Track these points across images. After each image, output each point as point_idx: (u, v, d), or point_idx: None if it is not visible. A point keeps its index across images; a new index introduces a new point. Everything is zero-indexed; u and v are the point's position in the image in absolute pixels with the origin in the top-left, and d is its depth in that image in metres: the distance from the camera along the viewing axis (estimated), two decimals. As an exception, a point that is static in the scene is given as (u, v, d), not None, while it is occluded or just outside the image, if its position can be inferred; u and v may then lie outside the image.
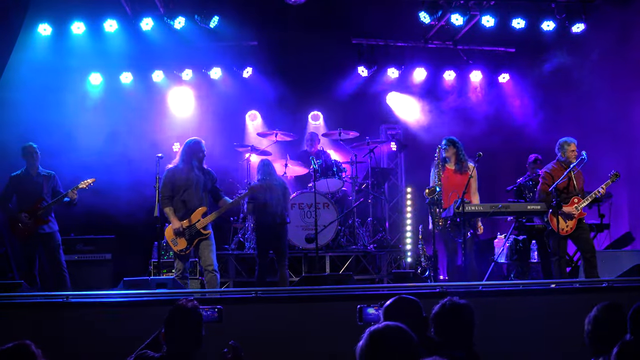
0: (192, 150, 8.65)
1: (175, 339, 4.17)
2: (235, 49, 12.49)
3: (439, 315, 4.23)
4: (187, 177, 8.54)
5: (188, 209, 8.54)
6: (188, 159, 8.61)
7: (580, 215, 8.99)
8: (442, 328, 4.21)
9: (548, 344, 6.61)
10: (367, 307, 4.39)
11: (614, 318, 4.19)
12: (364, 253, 11.31)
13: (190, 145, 8.70)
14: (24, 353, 3.36)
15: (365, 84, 13.15)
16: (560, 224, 8.94)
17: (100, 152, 11.03)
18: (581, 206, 8.98)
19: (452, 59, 13.02)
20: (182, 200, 8.55)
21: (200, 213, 8.51)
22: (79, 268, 10.23)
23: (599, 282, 7.74)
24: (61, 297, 7.05)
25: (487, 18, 11.29)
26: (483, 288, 7.37)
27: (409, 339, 3.26)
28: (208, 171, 8.81)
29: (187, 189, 8.54)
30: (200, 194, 8.60)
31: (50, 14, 11.20)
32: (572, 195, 9.05)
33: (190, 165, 8.59)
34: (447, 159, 9.37)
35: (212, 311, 4.56)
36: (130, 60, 11.97)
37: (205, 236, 8.54)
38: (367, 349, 3.21)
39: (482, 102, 13.08)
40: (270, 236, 9.55)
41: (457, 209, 8.65)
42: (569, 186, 9.12)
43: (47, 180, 9.38)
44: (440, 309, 4.26)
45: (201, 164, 8.68)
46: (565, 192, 9.09)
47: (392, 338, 3.24)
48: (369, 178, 12.14)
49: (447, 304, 4.25)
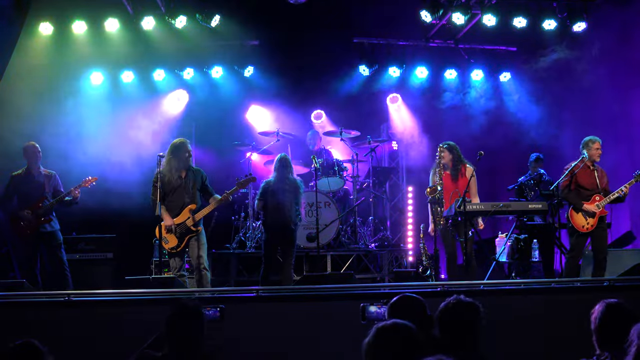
0: (178, 151, 8.72)
1: (176, 339, 4.17)
2: (237, 48, 12.48)
3: (443, 313, 4.16)
4: (175, 178, 8.68)
5: (177, 208, 8.66)
6: (174, 160, 8.70)
7: (601, 213, 9.04)
8: (446, 326, 4.13)
9: (549, 342, 6.61)
10: (370, 305, 4.39)
11: (621, 314, 4.16)
12: (365, 252, 11.32)
13: (175, 146, 8.78)
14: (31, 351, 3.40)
15: (366, 83, 13.13)
16: (581, 221, 9.08)
17: (100, 150, 11.02)
18: (603, 204, 9.02)
19: (454, 58, 13.00)
20: (172, 201, 8.68)
21: (189, 210, 8.63)
22: (80, 267, 10.23)
23: (599, 281, 7.75)
24: (63, 296, 7.05)
25: (488, 17, 11.27)
26: (484, 287, 7.37)
27: (415, 336, 3.28)
28: (197, 170, 8.97)
29: (176, 189, 8.68)
30: (190, 192, 8.71)
31: (51, 13, 11.19)
32: (594, 193, 9.10)
33: (177, 166, 8.69)
34: (445, 164, 9.33)
35: (214, 310, 4.57)
36: (131, 59, 11.97)
37: (195, 233, 8.63)
38: (373, 344, 3.24)
39: (484, 101, 13.07)
40: (280, 238, 9.54)
41: (458, 208, 8.66)
42: (592, 184, 9.16)
43: (48, 180, 9.39)
44: (445, 307, 4.18)
45: (187, 164, 8.78)
46: (588, 189, 9.13)
47: (399, 335, 3.26)
48: (370, 177, 12.14)
49: (451, 302, 4.17)
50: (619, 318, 4.10)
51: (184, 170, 8.75)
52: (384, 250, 11.41)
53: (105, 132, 11.28)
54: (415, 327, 3.34)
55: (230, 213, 11.53)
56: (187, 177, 8.75)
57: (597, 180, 9.18)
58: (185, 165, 8.76)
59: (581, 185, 9.18)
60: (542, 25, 11.55)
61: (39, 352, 3.42)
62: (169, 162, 8.69)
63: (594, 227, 9.05)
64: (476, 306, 4.15)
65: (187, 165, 8.78)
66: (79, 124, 11.06)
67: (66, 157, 10.22)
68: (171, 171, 8.67)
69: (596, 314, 4.21)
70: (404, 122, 13.56)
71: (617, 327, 4.03)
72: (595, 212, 9.01)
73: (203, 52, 12.26)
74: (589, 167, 9.21)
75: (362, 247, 11.33)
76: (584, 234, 9.09)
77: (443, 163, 9.27)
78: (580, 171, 9.19)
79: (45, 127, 10.33)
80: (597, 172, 9.22)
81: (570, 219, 9.14)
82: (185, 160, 8.74)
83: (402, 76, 13.08)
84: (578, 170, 9.18)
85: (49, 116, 10.62)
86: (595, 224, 9.04)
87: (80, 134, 10.92)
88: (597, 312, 4.21)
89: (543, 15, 11.49)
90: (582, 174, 9.19)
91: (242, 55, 12.51)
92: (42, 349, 3.43)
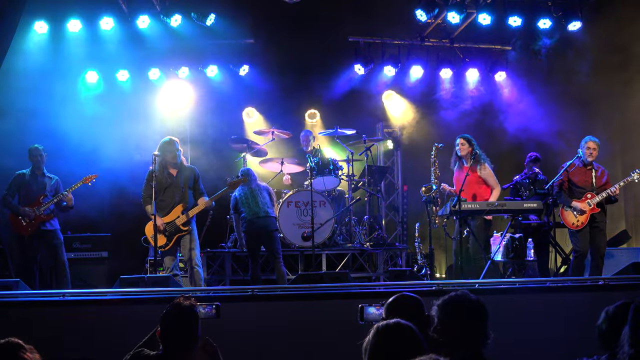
0: (166, 150, 8.74)
1: (171, 338, 4.16)
2: (232, 47, 12.49)
3: (441, 309, 3.91)
4: (165, 176, 8.71)
5: (167, 207, 8.70)
6: (162, 158, 8.72)
7: (592, 211, 9.07)
8: (443, 324, 3.88)
9: (544, 341, 6.63)
10: (369, 306, 4.37)
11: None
12: (360, 251, 11.31)
13: (163, 144, 8.81)
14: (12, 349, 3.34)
15: (361, 82, 13.13)
16: (571, 219, 9.18)
17: (95, 149, 10.99)
18: (594, 202, 9.05)
19: (449, 57, 12.99)
20: (163, 200, 8.71)
21: (179, 211, 8.67)
22: (75, 266, 10.20)
23: (595, 280, 7.76)
24: (58, 295, 7.05)
25: (483, 16, 11.28)
26: (479, 286, 7.38)
27: (414, 336, 3.27)
28: (190, 168, 9.03)
29: (166, 188, 8.72)
30: (181, 191, 8.75)
31: (46, 12, 11.17)
32: (587, 191, 9.14)
33: (165, 164, 8.73)
34: (464, 158, 9.38)
35: (209, 307, 4.55)
36: (126, 58, 11.94)
37: (184, 232, 8.66)
38: (373, 344, 3.24)
39: (479, 100, 13.09)
40: (257, 233, 9.64)
41: (454, 207, 8.67)
42: (585, 182, 9.21)
43: (50, 181, 9.43)
44: (443, 303, 3.92)
45: (176, 162, 8.79)
46: (580, 187, 9.20)
47: (398, 335, 3.25)
48: (365, 176, 12.14)
49: (450, 297, 3.92)
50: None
51: (175, 168, 8.78)
52: (379, 249, 11.40)
53: (99, 131, 11.24)
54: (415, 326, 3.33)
55: (225, 212, 11.52)
56: (178, 176, 8.78)
57: (592, 179, 9.20)
58: (174, 163, 8.77)
59: (573, 183, 9.25)
60: (537, 24, 11.57)
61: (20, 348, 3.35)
62: (159, 161, 8.70)
63: (589, 226, 9.08)
64: (478, 303, 3.92)
65: (176, 163, 8.79)
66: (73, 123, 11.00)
67: (60, 157, 10.18)
68: (161, 170, 8.71)
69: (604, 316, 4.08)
70: (399, 121, 13.57)
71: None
72: (586, 210, 9.04)
73: (198, 51, 12.26)
74: (585, 166, 9.23)
75: (358, 246, 11.32)
76: (578, 231, 9.13)
77: (462, 155, 9.35)
78: (575, 169, 9.24)
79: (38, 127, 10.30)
80: (596, 171, 9.25)
81: (561, 216, 9.23)
82: (174, 158, 8.75)
83: (397, 75, 13.09)
84: (573, 168, 9.22)
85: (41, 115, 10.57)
86: (586, 221, 9.07)
87: (74, 133, 10.86)
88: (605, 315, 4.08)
89: (538, 14, 11.51)
90: (576, 172, 9.25)
91: (237, 54, 12.51)
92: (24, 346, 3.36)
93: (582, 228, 9.09)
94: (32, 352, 3.38)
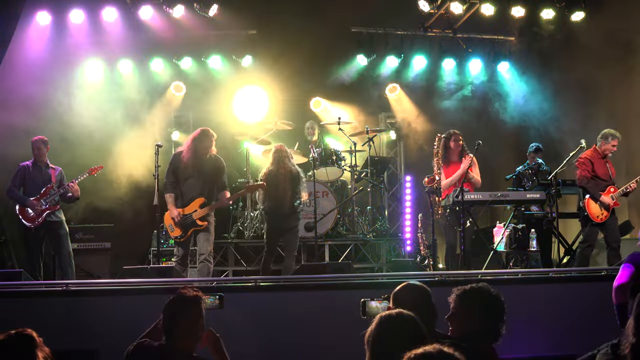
0: (198, 140, 8.63)
1: (175, 328, 4.17)
2: (235, 38, 12.46)
3: (461, 300, 3.94)
4: (189, 167, 8.54)
5: (186, 199, 8.55)
6: (193, 149, 8.58)
7: (614, 204, 9.14)
8: (460, 317, 3.94)
9: (546, 331, 6.64)
10: (371, 300, 4.37)
11: None
12: (363, 242, 11.33)
13: (196, 135, 8.69)
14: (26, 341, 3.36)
15: (364, 72, 13.11)
16: (597, 211, 9.17)
17: (98, 140, 11.00)
18: (616, 196, 9.10)
19: (452, 48, 12.95)
20: (182, 190, 8.57)
21: (198, 204, 8.52)
22: (78, 256, 10.21)
23: (597, 270, 7.78)
24: (61, 285, 7.07)
25: (486, 6, 11.27)
26: (482, 277, 7.39)
27: (417, 327, 3.28)
28: (217, 159, 8.78)
29: (189, 178, 8.55)
30: (202, 184, 8.58)
31: (49, 2, 11.15)
32: (609, 184, 9.16)
33: (195, 155, 8.57)
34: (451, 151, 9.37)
35: (212, 298, 4.56)
36: (129, 48, 11.93)
37: (200, 227, 8.52)
38: (375, 334, 3.24)
39: (482, 91, 13.06)
40: (279, 226, 9.43)
41: (456, 198, 8.67)
42: (607, 174, 9.27)
43: (55, 172, 9.41)
44: (463, 295, 3.96)
45: (207, 154, 8.63)
46: (604, 180, 9.26)
47: (401, 325, 3.26)
48: (368, 167, 12.14)
49: (473, 290, 3.97)
50: None
51: (201, 160, 8.60)
52: (382, 240, 11.41)
53: (102, 121, 11.24)
54: (417, 316, 3.33)
55: (228, 203, 11.54)
56: (203, 169, 8.59)
57: (609, 170, 9.26)
58: (205, 155, 8.61)
59: (597, 176, 9.24)
60: (541, 15, 11.53)
61: (34, 342, 3.37)
62: (189, 148, 8.57)
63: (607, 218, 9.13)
64: (496, 300, 3.95)
65: (206, 155, 8.61)
66: (75, 113, 11.01)
67: (62, 147, 10.18)
68: (187, 159, 8.55)
69: None
70: (402, 111, 13.55)
71: None
72: (610, 204, 9.07)
73: (201, 42, 12.25)
74: (602, 158, 9.26)
75: (360, 236, 11.34)
76: (596, 224, 9.16)
77: (452, 148, 9.34)
78: (597, 162, 9.25)
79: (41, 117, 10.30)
80: (609, 163, 9.30)
81: (586, 208, 9.18)
82: (205, 150, 8.59)
83: (400, 65, 13.06)
84: (594, 159, 9.23)
85: (45, 105, 10.57)
86: (609, 215, 9.12)
87: (76, 124, 10.86)
88: None
89: (541, 5, 11.48)
90: (598, 164, 9.26)
91: (240, 45, 12.48)
92: (36, 339, 3.38)
93: (603, 221, 9.12)
94: (42, 347, 3.40)
